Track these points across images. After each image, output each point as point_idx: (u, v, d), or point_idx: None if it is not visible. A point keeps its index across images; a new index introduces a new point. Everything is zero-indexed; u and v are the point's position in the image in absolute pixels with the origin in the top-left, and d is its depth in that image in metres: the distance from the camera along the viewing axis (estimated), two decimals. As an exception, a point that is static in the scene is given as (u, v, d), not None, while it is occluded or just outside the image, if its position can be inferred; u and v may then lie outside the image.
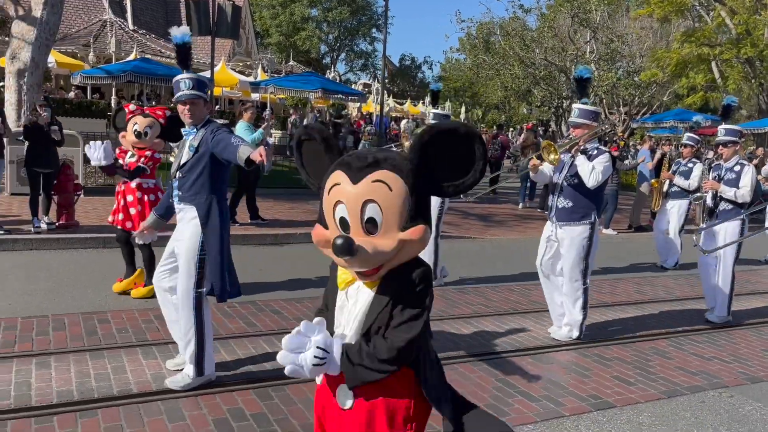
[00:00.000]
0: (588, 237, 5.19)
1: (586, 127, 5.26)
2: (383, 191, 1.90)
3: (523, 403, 4.08)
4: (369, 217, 1.89)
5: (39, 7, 11.31)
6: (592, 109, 5.36)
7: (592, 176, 5.05)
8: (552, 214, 5.37)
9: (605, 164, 5.09)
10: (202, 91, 4.00)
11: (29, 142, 7.84)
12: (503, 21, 29.60)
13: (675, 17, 25.18)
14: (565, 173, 5.27)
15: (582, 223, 5.18)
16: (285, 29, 43.66)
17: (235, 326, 5.19)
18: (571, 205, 5.21)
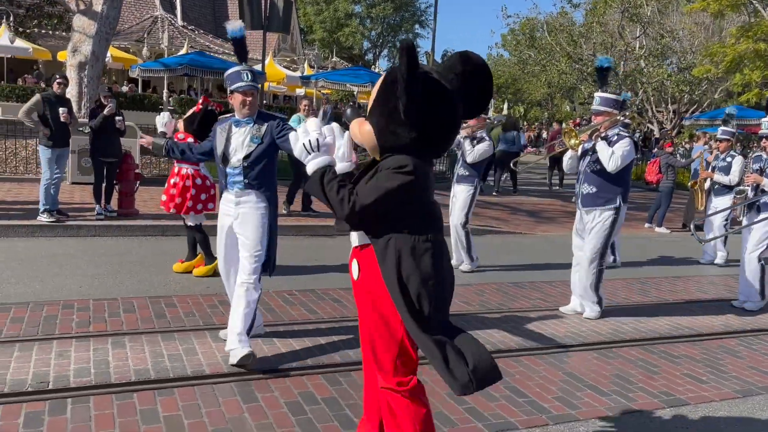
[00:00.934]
0: (611, 222, 5.41)
1: (606, 114, 5.42)
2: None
3: (593, 396, 4.02)
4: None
5: (99, 1, 11.61)
6: (613, 97, 5.50)
7: (612, 161, 5.21)
8: (578, 201, 5.62)
9: (626, 149, 5.22)
10: (259, 83, 4.23)
11: (94, 132, 8.07)
12: (549, 16, 29.14)
13: (730, 11, 24.37)
14: (588, 160, 5.48)
15: (606, 208, 5.40)
16: (329, 25, 43.93)
17: (298, 313, 5.24)
18: (595, 191, 5.43)
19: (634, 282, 7.34)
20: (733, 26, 24.44)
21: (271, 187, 4.26)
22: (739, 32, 22.48)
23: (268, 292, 5.73)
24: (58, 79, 8.25)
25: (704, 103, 28.18)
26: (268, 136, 4.16)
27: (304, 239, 8.50)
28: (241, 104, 4.14)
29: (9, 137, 11.79)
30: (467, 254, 7.17)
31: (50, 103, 7.90)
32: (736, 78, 24.84)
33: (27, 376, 3.68)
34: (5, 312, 4.73)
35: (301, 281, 6.25)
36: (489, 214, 11.33)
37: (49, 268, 6.14)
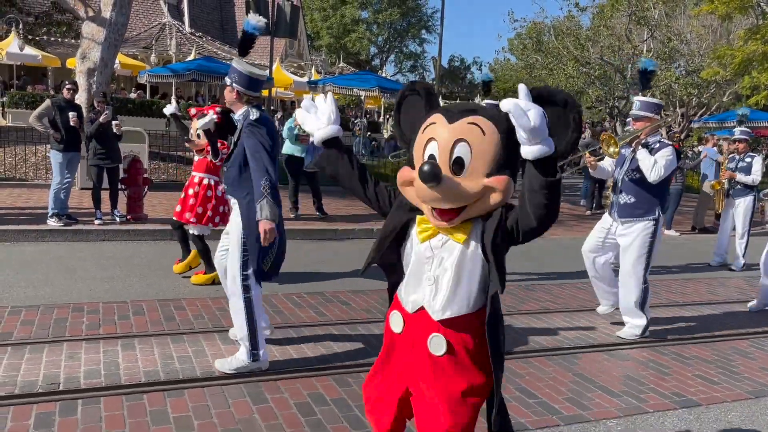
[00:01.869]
0: (651, 233, 5.03)
1: (647, 120, 5.08)
2: (476, 133, 1.93)
3: (604, 398, 3.99)
4: (457, 156, 1.92)
5: (108, 8, 11.70)
6: (655, 102, 5.18)
7: (655, 170, 4.88)
8: (613, 211, 5.22)
9: (668, 158, 4.90)
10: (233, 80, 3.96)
11: (92, 139, 8.10)
12: (556, 20, 29.10)
13: (738, 14, 24.29)
14: (627, 168, 5.12)
15: (645, 219, 5.03)
16: (335, 31, 44.07)
17: (306, 315, 5.24)
18: (633, 201, 5.06)
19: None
20: (741, 29, 24.37)
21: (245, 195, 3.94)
22: (747, 35, 22.40)
23: (276, 295, 5.74)
24: (67, 85, 8.32)
25: (713, 106, 28.02)
26: (239, 139, 3.98)
27: (312, 243, 8.50)
28: None
29: (19, 143, 11.88)
30: None
31: (60, 108, 7.97)
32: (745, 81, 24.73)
33: (38, 378, 3.70)
34: (16, 315, 4.75)
35: (309, 284, 6.25)
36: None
37: (58, 271, 6.17)
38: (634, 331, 5.19)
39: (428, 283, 2.09)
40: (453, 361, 2.08)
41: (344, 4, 44.19)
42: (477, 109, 1.99)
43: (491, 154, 1.93)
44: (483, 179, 1.92)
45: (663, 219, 5.15)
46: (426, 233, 2.08)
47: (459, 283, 2.05)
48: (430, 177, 1.86)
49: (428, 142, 1.99)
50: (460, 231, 2.03)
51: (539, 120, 1.77)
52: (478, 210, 1.98)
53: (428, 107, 2.15)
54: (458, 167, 1.93)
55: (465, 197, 1.94)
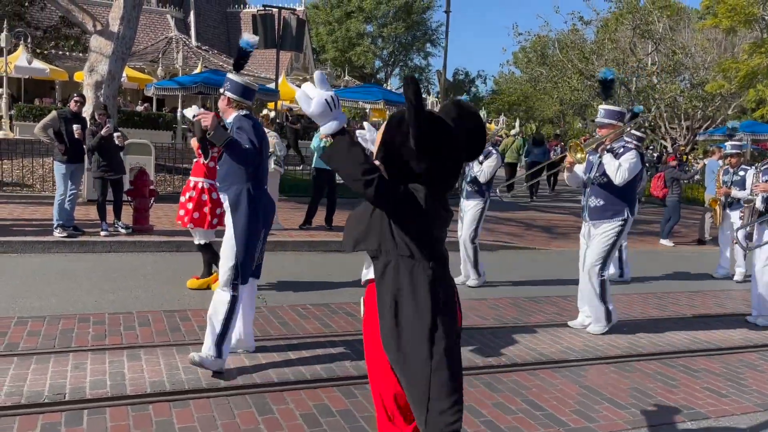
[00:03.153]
0: (616, 233, 5.34)
1: (611, 127, 5.36)
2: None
3: (611, 410, 3.97)
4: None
5: (116, 22, 11.81)
6: (617, 109, 5.46)
7: (619, 173, 5.17)
8: (585, 214, 5.53)
9: (632, 161, 5.18)
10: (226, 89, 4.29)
11: (95, 151, 8.15)
12: (561, 34, 29.22)
13: (742, 27, 24.34)
14: (594, 173, 5.43)
15: (613, 220, 5.33)
16: (341, 45, 44.33)
17: (312, 327, 5.23)
18: (602, 204, 5.36)
19: (651, 297, 7.27)
20: (745, 42, 24.40)
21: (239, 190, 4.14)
22: (751, 48, 22.43)
23: (282, 306, 5.74)
24: (75, 98, 8.39)
25: (718, 119, 28.01)
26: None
27: (318, 254, 8.50)
28: None
29: (26, 156, 11.95)
30: (474, 269, 7.10)
31: (66, 120, 8.03)
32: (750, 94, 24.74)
33: (44, 388, 3.69)
34: (22, 325, 4.76)
35: (314, 295, 6.25)
36: (503, 230, 11.29)
37: (64, 282, 6.18)
38: (600, 327, 5.46)
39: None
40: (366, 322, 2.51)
41: (349, 18, 44.50)
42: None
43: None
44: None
45: (631, 220, 5.45)
46: None
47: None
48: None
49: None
50: None
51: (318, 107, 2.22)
52: None
53: None
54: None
55: None
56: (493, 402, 3.97)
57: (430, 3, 46.64)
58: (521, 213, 13.94)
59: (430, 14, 47.76)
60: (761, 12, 23.88)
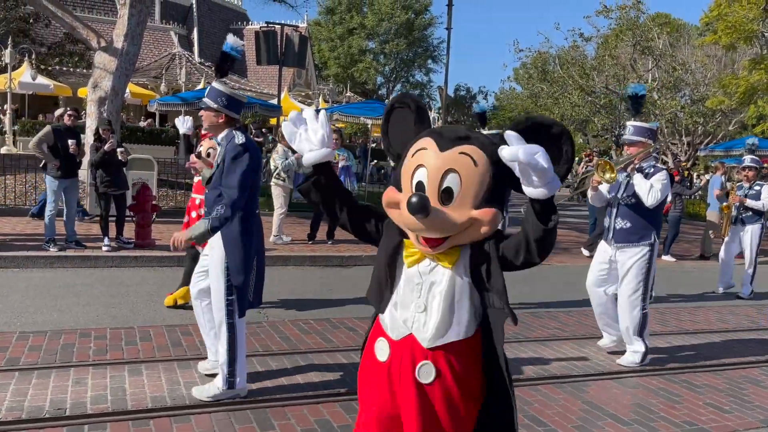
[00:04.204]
0: (648, 259, 5.04)
1: (641, 145, 5.12)
2: (467, 164, 1.90)
3: (614, 426, 3.95)
4: (447, 186, 1.90)
5: (120, 39, 11.91)
6: (648, 126, 5.20)
7: (651, 195, 4.92)
8: (610, 236, 5.21)
9: (663, 182, 4.95)
10: (216, 102, 3.88)
11: (98, 167, 8.18)
12: (561, 50, 29.40)
13: (742, 44, 24.49)
14: (622, 193, 5.15)
15: (641, 245, 5.04)
16: (343, 61, 44.61)
17: (313, 342, 5.22)
18: (629, 226, 5.08)
19: (653, 312, 7.22)
20: (745, 58, 24.54)
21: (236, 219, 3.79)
22: (751, 64, 22.56)
23: (283, 321, 5.74)
24: (69, 111, 8.43)
25: (718, 135, 28.10)
26: (222, 162, 3.83)
27: (318, 269, 8.50)
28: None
29: (30, 171, 12.00)
30: None
31: (60, 134, 8.06)
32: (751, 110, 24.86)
33: (45, 403, 3.69)
34: (24, 340, 4.76)
35: (315, 310, 6.24)
36: (504, 245, 11.28)
37: (66, 297, 6.18)
38: (634, 359, 5.12)
39: (417, 310, 2.05)
40: (441, 389, 2.03)
41: (351, 35, 44.84)
42: (470, 137, 1.96)
43: (481, 186, 1.90)
44: (471, 211, 1.91)
45: (658, 244, 5.19)
46: (413, 257, 2.05)
47: (450, 310, 2.02)
48: (418, 209, 1.84)
49: (417, 169, 1.95)
50: (447, 257, 2.00)
51: (547, 163, 1.74)
52: (465, 238, 1.96)
53: (418, 122, 2.12)
54: (447, 196, 1.91)
55: (451, 228, 1.92)
56: (494, 417, 3.94)
57: (431, 20, 47.01)
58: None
59: (432, 31, 48.12)
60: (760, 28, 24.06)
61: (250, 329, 5.40)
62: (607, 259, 5.26)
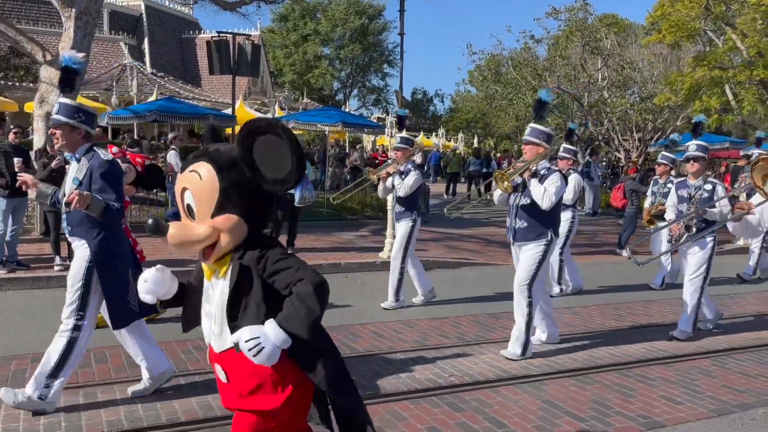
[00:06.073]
0: (541, 253, 5.31)
1: (535, 146, 5.34)
2: (194, 179, 2.12)
3: (571, 423, 4.04)
4: (187, 203, 2.14)
5: (66, 52, 11.63)
6: (544, 129, 5.43)
7: (546, 198, 5.18)
8: (510, 235, 5.53)
9: (557, 185, 5.21)
10: (71, 117, 3.80)
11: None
12: (513, 52, 29.89)
13: (686, 42, 25.32)
14: (519, 196, 5.41)
15: (537, 242, 5.31)
16: (298, 68, 44.45)
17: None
18: (526, 225, 5.36)
19: (609, 307, 7.43)
20: (689, 56, 25.36)
21: (99, 234, 3.82)
22: (694, 61, 23.31)
23: (243, 335, 5.67)
24: (14, 129, 8.21)
25: (668, 130, 28.90)
26: (88, 178, 3.78)
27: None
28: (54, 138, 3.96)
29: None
30: (394, 292, 6.94)
31: (5, 153, 7.83)
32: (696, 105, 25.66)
33: (-5, 433, 3.58)
34: (-28, 368, 4.61)
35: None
36: (464, 247, 11.41)
37: (19, 320, 6.01)
38: (516, 350, 5.29)
39: (207, 317, 2.25)
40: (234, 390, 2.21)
41: (306, 42, 44.72)
42: (207, 152, 2.16)
43: (210, 197, 2.09)
44: (209, 221, 2.10)
45: (555, 240, 5.45)
46: (208, 271, 2.23)
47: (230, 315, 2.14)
48: (150, 230, 2.13)
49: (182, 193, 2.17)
50: (222, 267, 2.18)
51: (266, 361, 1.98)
52: (224, 247, 2.12)
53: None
54: (191, 212, 2.14)
55: (197, 240, 2.11)
56: (456, 422, 4.00)
57: (385, 25, 47.24)
58: (482, 229, 14.12)
59: (386, 35, 48.35)
60: (702, 26, 24.92)
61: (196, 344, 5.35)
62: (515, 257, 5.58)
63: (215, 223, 2.08)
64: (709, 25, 25.01)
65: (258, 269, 2.08)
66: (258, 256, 2.08)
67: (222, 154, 2.12)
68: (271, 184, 2.10)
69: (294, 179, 2.07)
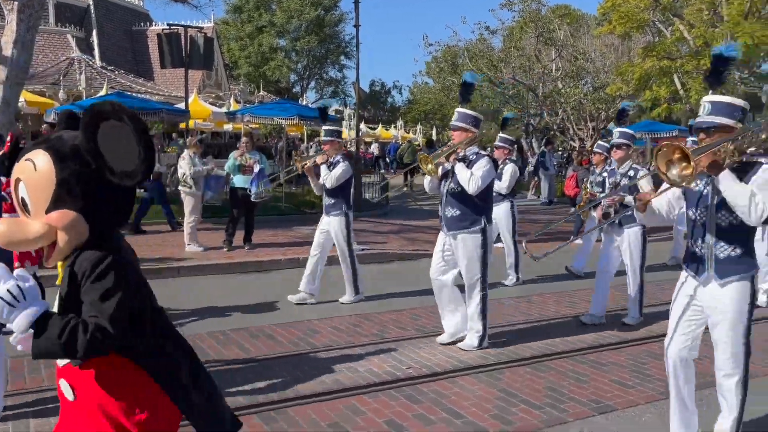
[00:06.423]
0: (481, 245, 5.21)
1: (463, 131, 5.23)
2: (29, 169, 1.84)
3: (527, 411, 4.11)
4: (21, 196, 1.85)
5: (9, 47, 11.20)
6: (471, 113, 5.31)
7: (472, 182, 5.03)
8: (443, 224, 5.39)
9: (484, 169, 5.07)
10: None
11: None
12: (469, 43, 30.12)
13: (636, 33, 25.94)
14: (449, 182, 5.28)
15: (472, 230, 5.20)
16: (254, 60, 43.82)
17: (231, 353, 5.14)
18: (458, 214, 5.23)
19: (564, 295, 7.58)
20: (639, 46, 25.98)
21: None
22: (644, 52, 23.90)
23: (199, 334, 5.60)
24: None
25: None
26: None
27: (237, 276, 8.36)
28: None
29: None
30: (352, 286, 6.86)
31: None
32: (647, 95, 26.34)
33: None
34: None
35: (234, 320, 6.14)
36: (424, 238, 11.46)
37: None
38: (473, 342, 5.30)
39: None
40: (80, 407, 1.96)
41: (261, 33, 44.10)
42: (48, 140, 1.90)
43: (45, 190, 1.81)
44: (44, 216, 1.82)
45: (490, 228, 5.33)
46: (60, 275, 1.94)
47: None
48: None
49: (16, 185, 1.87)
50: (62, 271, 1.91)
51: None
52: (64, 247, 1.84)
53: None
54: (25, 206, 1.85)
55: (30, 239, 1.81)
56: (413, 414, 4.03)
57: (341, 16, 46.92)
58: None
59: (343, 27, 48.06)
60: (651, 17, 25.56)
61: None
62: (443, 248, 5.41)
63: (49, 219, 1.81)
64: (658, 16, 25.71)
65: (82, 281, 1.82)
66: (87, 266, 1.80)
67: (64, 142, 1.85)
68: (119, 177, 1.83)
69: (142, 172, 1.83)
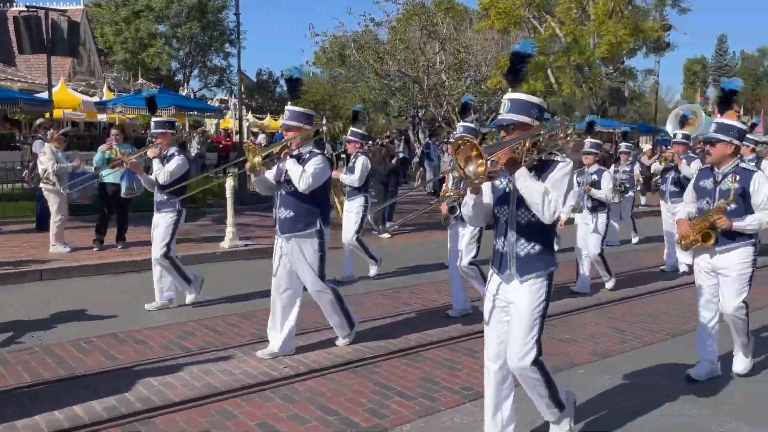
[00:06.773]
0: (318, 248, 5.00)
1: (296, 129, 5.01)
2: None
3: (401, 403, 4.17)
4: None
5: None
6: (303, 111, 5.15)
7: (303, 180, 4.78)
8: (277, 227, 5.09)
9: (317, 166, 4.86)
10: None
11: None
12: (356, 34, 30.16)
13: (514, 28, 27.15)
14: (282, 181, 5.00)
15: (307, 233, 4.96)
16: (131, 46, 41.37)
17: (95, 362, 4.82)
18: (292, 215, 4.96)
19: (443, 283, 7.72)
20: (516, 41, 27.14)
21: None
22: (520, 47, 25.02)
23: (60, 343, 5.23)
24: None
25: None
26: None
27: (108, 278, 7.89)
28: None
29: None
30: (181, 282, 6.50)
31: None
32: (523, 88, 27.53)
33: None
34: None
35: (100, 325, 5.77)
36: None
37: None
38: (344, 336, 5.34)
39: None
40: None
41: (138, 18, 41.74)
42: None
43: None
44: None
45: (327, 230, 5.06)
46: None
47: None
48: None
49: None
50: None
51: None
52: None
53: None
54: None
55: None
56: (288, 414, 3.97)
57: (225, 3, 45.39)
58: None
59: (227, 14, 46.48)
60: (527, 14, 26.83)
61: (18, 357, 4.87)
62: (281, 253, 5.09)
63: None
64: (533, 13, 27.02)
65: None
66: None
67: None
68: None
69: None
